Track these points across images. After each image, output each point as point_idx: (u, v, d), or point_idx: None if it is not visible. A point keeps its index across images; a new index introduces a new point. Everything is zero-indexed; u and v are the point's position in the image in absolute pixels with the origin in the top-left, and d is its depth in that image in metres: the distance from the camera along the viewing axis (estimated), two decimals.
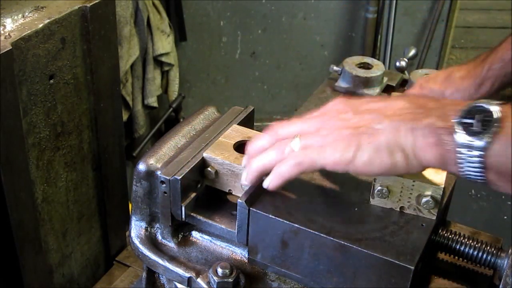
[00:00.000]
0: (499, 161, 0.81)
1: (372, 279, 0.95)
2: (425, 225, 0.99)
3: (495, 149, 0.81)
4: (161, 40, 3.11)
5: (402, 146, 0.88)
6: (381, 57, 3.73)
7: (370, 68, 1.45)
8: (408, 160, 0.89)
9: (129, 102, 3.01)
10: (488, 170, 0.82)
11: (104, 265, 1.58)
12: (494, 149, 0.81)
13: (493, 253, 1.02)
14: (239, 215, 1.02)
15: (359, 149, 0.90)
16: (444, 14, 3.76)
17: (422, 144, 0.86)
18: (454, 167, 0.85)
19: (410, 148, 0.88)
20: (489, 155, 0.81)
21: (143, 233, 1.15)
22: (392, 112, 0.91)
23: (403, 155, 0.89)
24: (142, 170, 1.10)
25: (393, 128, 0.89)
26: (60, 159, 1.31)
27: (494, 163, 0.82)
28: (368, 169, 0.91)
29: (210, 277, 1.04)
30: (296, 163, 0.95)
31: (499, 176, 0.83)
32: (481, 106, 0.83)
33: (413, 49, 1.67)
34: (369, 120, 0.91)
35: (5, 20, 1.15)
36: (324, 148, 0.93)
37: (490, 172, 0.83)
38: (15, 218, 1.19)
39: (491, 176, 0.83)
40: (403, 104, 0.91)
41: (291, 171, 0.96)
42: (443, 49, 3.90)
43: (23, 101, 1.16)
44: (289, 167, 0.96)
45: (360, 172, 0.92)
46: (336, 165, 0.92)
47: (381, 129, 0.89)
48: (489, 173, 0.83)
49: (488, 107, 0.83)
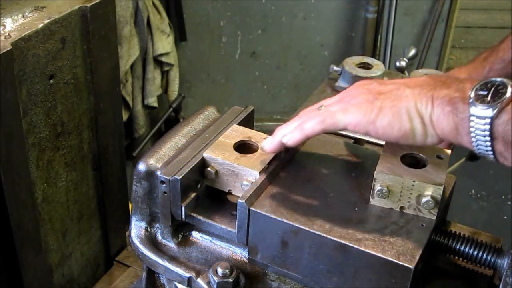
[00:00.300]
0: (505, 130, 0.85)
1: (372, 279, 0.95)
2: (425, 225, 0.99)
3: (503, 117, 0.85)
4: (161, 40, 3.11)
5: (422, 114, 0.92)
6: (381, 57, 3.73)
7: (370, 68, 1.45)
8: (425, 129, 0.93)
9: (129, 102, 3.01)
10: (496, 139, 0.86)
11: (104, 265, 1.58)
12: (503, 117, 0.85)
13: (493, 253, 1.02)
14: (239, 215, 1.02)
15: (381, 112, 0.94)
16: (444, 14, 3.76)
17: (439, 113, 0.91)
18: (466, 137, 0.89)
19: (428, 116, 0.92)
20: (497, 124, 0.86)
21: (143, 233, 1.15)
22: (414, 84, 0.96)
23: (421, 122, 0.93)
24: (142, 170, 1.10)
25: (414, 96, 0.93)
26: (60, 159, 1.31)
27: (501, 132, 0.86)
28: (387, 131, 0.95)
29: (210, 277, 1.04)
30: (320, 120, 0.99)
31: (506, 146, 0.86)
32: (496, 80, 0.89)
33: (413, 49, 1.67)
34: (393, 88, 0.96)
35: (5, 20, 1.15)
36: (348, 109, 0.97)
37: (498, 141, 0.87)
38: (15, 218, 1.19)
39: (498, 146, 0.87)
40: (424, 78, 0.97)
41: (314, 127, 1.00)
42: (443, 49, 3.90)
43: (23, 101, 1.16)
44: (313, 123, 1.00)
45: (380, 134, 0.96)
46: (358, 125, 0.96)
47: (403, 96, 0.94)
48: (497, 142, 0.87)
49: (502, 81, 0.88)
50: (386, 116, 0.94)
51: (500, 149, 0.87)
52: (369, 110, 0.95)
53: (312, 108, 1.04)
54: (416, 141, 0.95)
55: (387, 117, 0.94)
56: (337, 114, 0.98)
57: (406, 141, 0.97)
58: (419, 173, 1.00)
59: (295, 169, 1.11)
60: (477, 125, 0.87)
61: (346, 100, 0.99)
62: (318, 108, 1.02)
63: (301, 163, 1.13)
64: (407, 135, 0.94)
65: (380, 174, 1.00)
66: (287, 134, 1.04)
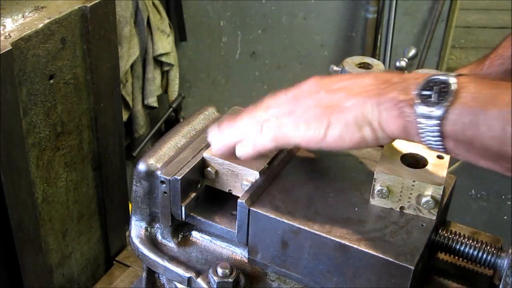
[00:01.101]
0: (454, 130, 0.85)
1: (372, 279, 0.95)
2: (425, 225, 0.99)
3: (450, 118, 0.85)
4: (161, 40, 3.11)
5: (369, 120, 0.93)
6: (381, 57, 3.73)
7: (370, 68, 1.45)
8: (376, 133, 0.93)
9: (129, 102, 3.01)
10: (445, 138, 0.86)
11: (104, 265, 1.58)
12: (450, 118, 0.85)
13: (493, 253, 1.02)
14: (239, 215, 1.02)
15: (330, 127, 0.95)
16: (444, 14, 3.76)
17: (387, 117, 0.91)
18: (417, 137, 0.89)
19: (377, 121, 0.92)
20: (445, 124, 0.85)
21: (143, 233, 1.15)
22: (359, 89, 0.95)
23: (370, 129, 0.93)
24: (142, 170, 1.10)
25: (360, 104, 0.93)
26: (60, 159, 1.31)
27: (451, 132, 0.86)
28: (339, 144, 0.96)
29: (210, 277, 1.04)
30: (272, 137, 1.01)
31: (456, 145, 0.87)
32: (438, 79, 0.88)
33: (413, 49, 1.67)
34: (339, 98, 0.96)
35: (5, 20, 1.15)
36: (298, 126, 0.98)
37: (448, 140, 0.87)
38: (15, 218, 1.19)
39: (449, 145, 0.87)
40: (369, 80, 0.96)
41: (266, 143, 1.02)
42: (443, 49, 3.90)
43: (23, 101, 1.16)
44: (265, 139, 1.01)
45: (333, 147, 0.97)
46: (309, 142, 0.98)
47: (349, 106, 0.94)
48: (447, 141, 0.87)
49: (445, 78, 0.87)
50: (335, 129, 0.95)
51: (451, 147, 0.88)
52: (318, 127, 0.96)
53: (264, 117, 1.02)
54: (369, 145, 0.96)
55: (337, 130, 0.95)
56: (288, 132, 0.99)
57: (359, 148, 1.02)
58: (419, 173, 1.00)
59: (295, 169, 1.11)
60: (426, 126, 0.87)
61: (296, 115, 0.99)
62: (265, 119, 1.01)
63: (301, 163, 1.13)
64: (359, 143, 0.95)
65: (380, 174, 1.00)
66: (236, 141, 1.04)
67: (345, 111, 0.94)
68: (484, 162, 0.87)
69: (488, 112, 0.82)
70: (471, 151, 0.86)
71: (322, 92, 0.99)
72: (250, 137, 1.03)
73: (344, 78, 1.01)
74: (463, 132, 0.85)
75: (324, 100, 0.97)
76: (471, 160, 0.88)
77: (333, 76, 1.03)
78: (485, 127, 0.82)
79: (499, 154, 0.83)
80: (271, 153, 1.09)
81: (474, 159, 0.87)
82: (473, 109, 0.84)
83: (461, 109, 0.84)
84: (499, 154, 0.83)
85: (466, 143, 0.85)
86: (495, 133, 0.82)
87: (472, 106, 0.84)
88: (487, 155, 0.85)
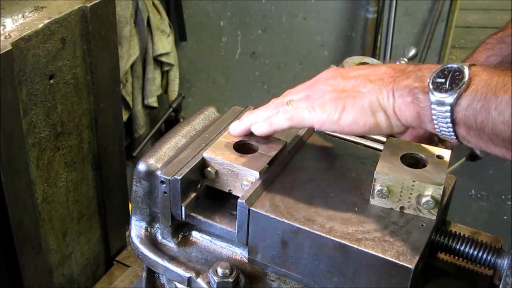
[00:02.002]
0: (466, 115, 0.88)
1: (372, 279, 0.95)
2: (425, 225, 0.99)
3: (462, 104, 0.88)
4: (161, 40, 3.11)
5: (384, 107, 0.96)
6: (381, 57, 3.73)
7: None
8: (390, 120, 0.96)
9: (129, 102, 3.01)
10: (457, 125, 0.89)
11: (104, 265, 1.58)
12: (461, 104, 0.88)
13: (493, 253, 1.02)
14: (239, 215, 1.02)
15: (345, 110, 0.98)
16: (444, 14, 3.76)
17: (401, 104, 0.94)
18: (430, 124, 0.92)
19: (391, 108, 0.95)
20: (457, 110, 0.88)
21: (143, 233, 1.15)
22: (375, 77, 0.98)
23: (385, 115, 0.96)
24: (142, 170, 1.10)
25: (375, 91, 0.96)
26: (60, 159, 1.31)
27: (462, 118, 0.88)
28: (353, 128, 0.99)
29: (210, 277, 1.04)
30: (288, 118, 1.04)
31: (468, 131, 0.89)
32: (452, 67, 0.91)
33: (413, 49, 1.67)
34: (355, 84, 1.00)
35: (5, 20, 1.15)
36: (314, 108, 1.01)
37: (460, 127, 0.89)
38: (15, 218, 1.19)
39: (461, 131, 0.90)
40: (385, 69, 0.99)
41: (281, 123, 1.05)
42: (443, 49, 3.90)
43: (23, 101, 1.16)
44: (281, 119, 1.05)
45: (347, 131, 1.00)
46: (324, 125, 1.01)
47: (365, 92, 0.97)
48: (459, 128, 0.89)
49: (458, 67, 0.91)
50: (350, 113, 0.98)
51: (463, 134, 0.90)
52: (333, 110, 0.99)
53: (282, 101, 1.07)
54: (383, 132, 0.99)
55: (351, 114, 0.98)
56: (304, 113, 1.02)
57: (372, 133, 1.04)
58: (419, 173, 1.00)
59: (295, 169, 1.11)
60: (438, 112, 0.90)
61: (313, 98, 1.02)
62: (288, 102, 1.05)
63: (301, 163, 1.13)
64: (373, 129, 0.98)
65: (380, 174, 1.00)
66: (254, 123, 1.09)
67: (360, 96, 0.97)
68: (495, 148, 0.88)
69: (500, 97, 0.84)
70: (482, 137, 0.88)
71: (338, 78, 1.02)
72: (267, 117, 1.07)
73: (360, 68, 1.05)
74: (474, 118, 0.87)
75: (340, 85, 1.01)
76: (482, 146, 0.90)
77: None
78: (496, 112, 0.84)
79: (510, 139, 0.85)
80: (272, 153, 1.09)
81: (485, 145, 0.89)
82: (484, 95, 0.86)
83: (473, 95, 0.87)
84: (510, 139, 0.85)
85: (477, 129, 0.87)
86: (506, 118, 0.84)
87: (484, 92, 0.86)
88: (498, 141, 0.87)
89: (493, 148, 0.89)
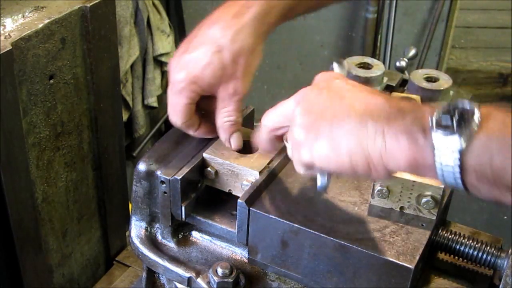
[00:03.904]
0: (480, 160, 0.74)
1: (372, 279, 0.95)
2: (425, 225, 0.99)
3: (475, 147, 0.73)
4: (161, 40, 3.11)
5: (367, 148, 0.80)
6: (381, 57, 3.73)
7: (370, 68, 1.45)
8: (369, 165, 0.81)
9: (129, 102, 3.01)
10: (466, 171, 0.75)
11: (104, 265, 1.58)
12: (475, 147, 0.73)
13: (493, 253, 1.02)
14: (239, 215, 1.02)
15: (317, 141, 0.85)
16: (444, 14, 3.76)
17: (393, 147, 0.78)
18: (430, 172, 0.78)
19: (378, 150, 0.79)
20: (468, 154, 0.74)
21: (143, 233, 1.15)
22: (364, 105, 0.83)
23: (364, 157, 0.81)
24: (142, 170, 1.10)
25: (359, 125, 0.81)
26: (60, 159, 1.31)
27: (474, 164, 0.74)
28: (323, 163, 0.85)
29: (210, 277, 1.04)
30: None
31: (480, 179, 0.75)
32: (459, 106, 0.76)
33: (413, 49, 1.67)
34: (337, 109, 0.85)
35: (5, 20, 1.15)
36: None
37: (469, 173, 0.75)
38: (15, 218, 1.19)
39: (470, 179, 0.75)
40: (380, 102, 0.83)
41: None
42: (443, 49, 3.90)
43: (23, 101, 1.16)
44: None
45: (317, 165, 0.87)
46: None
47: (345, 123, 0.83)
48: (468, 175, 0.75)
49: (467, 106, 0.76)
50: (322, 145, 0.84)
51: (473, 182, 0.75)
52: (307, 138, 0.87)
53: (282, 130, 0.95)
54: (358, 175, 0.84)
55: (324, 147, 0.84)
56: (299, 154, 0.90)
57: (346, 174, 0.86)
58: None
59: (295, 169, 1.11)
60: (443, 157, 0.75)
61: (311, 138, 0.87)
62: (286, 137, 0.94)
63: None
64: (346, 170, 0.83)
65: None
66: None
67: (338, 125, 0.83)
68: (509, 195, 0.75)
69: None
70: (498, 186, 0.74)
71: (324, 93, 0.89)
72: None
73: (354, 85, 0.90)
74: (490, 162, 0.73)
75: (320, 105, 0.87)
76: (496, 195, 0.76)
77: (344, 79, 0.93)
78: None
79: None
80: (272, 153, 1.09)
81: (499, 193, 0.75)
82: (501, 134, 0.72)
83: (488, 136, 0.73)
84: None
85: (492, 175, 0.73)
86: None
87: (502, 131, 0.73)
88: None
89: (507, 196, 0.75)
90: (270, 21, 1.08)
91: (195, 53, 1.05)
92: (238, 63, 1.05)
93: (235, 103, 1.09)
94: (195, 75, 1.05)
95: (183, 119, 1.10)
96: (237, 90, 1.07)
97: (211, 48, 1.04)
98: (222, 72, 1.05)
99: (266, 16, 1.06)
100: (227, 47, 1.04)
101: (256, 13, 1.05)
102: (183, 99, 1.07)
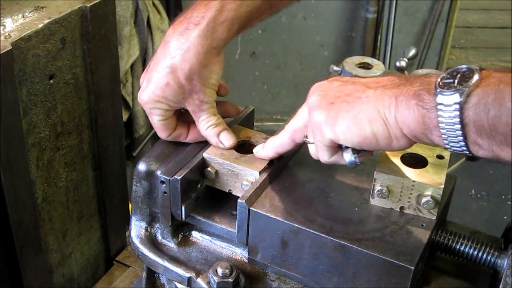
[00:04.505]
0: (476, 113, 0.80)
1: (372, 279, 0.95)
2: (425, 225, 0.99)
3: (472, 101, 0.80)
4: (161, 40, 3.11)
5: (385, 116, 0.88)
6: (381, 57, 3.73)
7: (370, 68, 1.45)
8: (389, 131, 0.89)
9: (129, 102, 3.00)
10: (466, 126, 0.81)
11: (104, 265, 1.58)
12: (471, 101, 0.80)
13: (493, 253, 1.02)
14: (239, 215, 1.02)
15: (338, 118, 0.91)
16: (444, 14, 3.76)
17: (404, 108, 0.86)
18: (435, 131, 0.84)
19: (393, 116, 0.87)
20: (466, 109, 0.81)
21: (143, 233, 1.15)
22: (376, 84, 0.92)
23: (384, 125, 0.89)
24: (142, 170, 1.10)
25: (375, 97, 0.90)
26: (60, 159, 1.31)
27: (472, 117, 0.80)
28: (346, 137, 0.91)
29: (210, 277, 1.04)
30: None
31: (479, 132, 0.81)
32: (462, 68, 0.85)
33: (413, 49, 1.67)
34: (352, 90, 0.93)
35: (5, 20, 1.15)
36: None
37: (469, 128, 0.81)
38: (15, 218, 1.19)
39: (471, 134, 0.82)
40: (389, 77, 0.93)
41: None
42: (443, 49, 3.90)
43: (23, 101, 1.16)
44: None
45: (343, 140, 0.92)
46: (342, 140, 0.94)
47: (363, 98, 0.91)
48: (469, 130, 0.81)
49: (469, 67, 0.84)
50: (343, 121, 0.91)
51: (473, 137, 0.82)
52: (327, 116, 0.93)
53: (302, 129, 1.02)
54: (380, 145, 0.91)
55: (345, 123, 0.91)
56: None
57: (369, 146, 0.92)
58: (419, 173, 1.00)
59: (295, 169, 1.11)
60: (446, 113, 0.82)
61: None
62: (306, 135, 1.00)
63: (301, 163, 1.13)
64: (369, 139, 0.90)
65: (380, 174, 1.00)
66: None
67: (356, 102, 0.91)
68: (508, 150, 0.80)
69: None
70: (495, 137, 0.80)
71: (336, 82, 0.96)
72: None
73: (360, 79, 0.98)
74: (486, 114, 0.79)
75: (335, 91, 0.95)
76: (495, 149, 0.81)
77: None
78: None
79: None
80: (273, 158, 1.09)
81: (498, 147, 0.81)
82: (497, 87, 0.79)
83: (484, 90, 0.80)
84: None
85: (489, 127, 0.79)
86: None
87: (496, 85, 0.79)
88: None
89: (506, 150, 0.80)
90: (221, 36, 1.08)
91: (155, 73, 1.07)
92: (193, 80, 1.07)
93: (207, 110, 1.11)
94: (157, 95, 1.07)
95: (167, 133, 1.13)
96: (202, 100, 1.09)
97: (166, 68, 1.06)
98: (181, 89, 1.07)
99: (213, 32, 1.07)
100: (179, 67, 1.06)
101: (200, 31, 1.07)
102: (156, 117, 1.11)
